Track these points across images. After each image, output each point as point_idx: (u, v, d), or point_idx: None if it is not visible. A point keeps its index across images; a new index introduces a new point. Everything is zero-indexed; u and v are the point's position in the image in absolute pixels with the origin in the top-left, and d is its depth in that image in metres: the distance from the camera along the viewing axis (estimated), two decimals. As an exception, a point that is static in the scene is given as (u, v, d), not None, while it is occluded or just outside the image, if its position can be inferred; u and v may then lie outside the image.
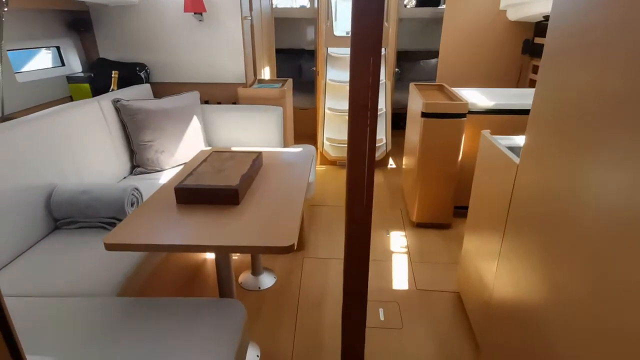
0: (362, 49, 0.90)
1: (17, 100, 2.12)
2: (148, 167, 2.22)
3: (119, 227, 1.22)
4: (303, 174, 1.68)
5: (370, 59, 0.91)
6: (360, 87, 0.95)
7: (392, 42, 3.77)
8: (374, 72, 0.93)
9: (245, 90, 2.63)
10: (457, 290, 1.99)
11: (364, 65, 0.92)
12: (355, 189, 1.04)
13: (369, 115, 0.97)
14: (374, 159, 1.02)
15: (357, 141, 0.99)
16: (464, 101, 2.33)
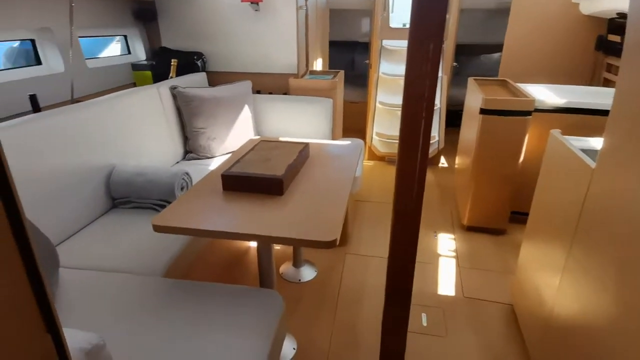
0: (422, 33, 0.83)
1: (86, 85, 2.27)
2: (199, 153, 2.29)
3: (167, 210, 1.25)
4: (350, 168, 1.63)
5: (430, 44, 0.84)
6: (417, 75, 0.88)
7: (452, 34, 3.57)
8: (433, 59, 0.85)
9: (296, 81, 2.62)
10: (510, 302, 1.84)
11: (423, 51, 0.85)
12: (405, 185, 0.97)
13: (425, 106, 0.90)
14: (427, 154, 0.94)
15: (409, 133, 0.92)
16: (530, 98, 2.14)
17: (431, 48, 0.84)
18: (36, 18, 1.91)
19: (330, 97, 2.58)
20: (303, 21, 2.67)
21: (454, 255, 2.25)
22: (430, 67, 0.86)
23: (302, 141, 1.87)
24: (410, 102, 0.89)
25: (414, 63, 0.87)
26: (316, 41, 3.25)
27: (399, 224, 1.02)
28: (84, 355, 0.60)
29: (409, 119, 0.91)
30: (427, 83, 0.87)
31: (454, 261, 2.19)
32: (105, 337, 1.00)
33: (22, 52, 2.07)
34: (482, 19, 4.55)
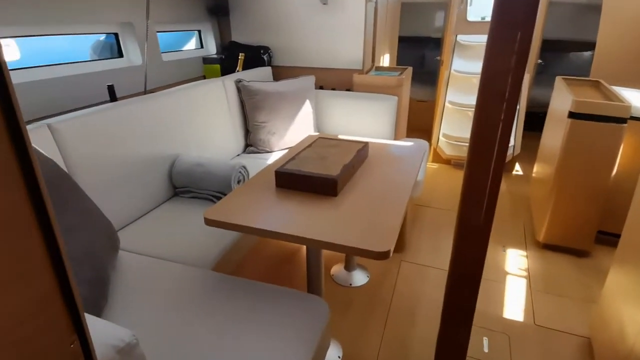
0: (508, 18, 0.70)
1: (160, 77, 2.39)
2: (259, 147, 2.30)
3: (220, 203, 1.24)
4: (411, 171, 1.51)
5: (518, 33, 0.71)
6: (498, 70, 0.75)
7: (538, 28, 3.23)
8: (520, 50, 0.72)
9: (360, 77, 2.52)
10: (588, 335, 1.60)
11: (508, 40, 0.72)
12: (474, 195, 0.84)
13: (505, 106, 0.77)
14: (504, 162, 0.81)
15: (484, 138, 0.80)
16: (626, 103, 1.83)
17: (518, 38, 0.71)
18: (120, 13, 2.04)
19: (396, 94, 2.45)
20: (372, 15, 2.56)
21: (525, 275, 2.02)
22: (516, 60, 0.73)
23: (362, 140, 1.78)
24: (487, 101, 0.77)
25: (495, 55, 0.74)
26: (384, 36, 3.12)
27: (464, 240, 0.90)
28: (115, 352, 0.58)
29: (484, 121, 0.78)
30: (510, 80, 0.74)
31: (524, 282, 1.96)
32: (151, 325, 1.02)
33: (106, 45, 2.23)
34: (572, 13, 4.06)
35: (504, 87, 0.75)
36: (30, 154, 0.40)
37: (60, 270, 0.46)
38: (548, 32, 3.96)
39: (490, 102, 0.77)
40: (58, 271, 0.46)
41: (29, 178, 0.40)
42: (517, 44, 0.72)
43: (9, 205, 0.39)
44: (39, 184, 0.41)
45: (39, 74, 1.70)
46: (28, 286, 0.42)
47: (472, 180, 0.83)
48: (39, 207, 0.42)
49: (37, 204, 0.42)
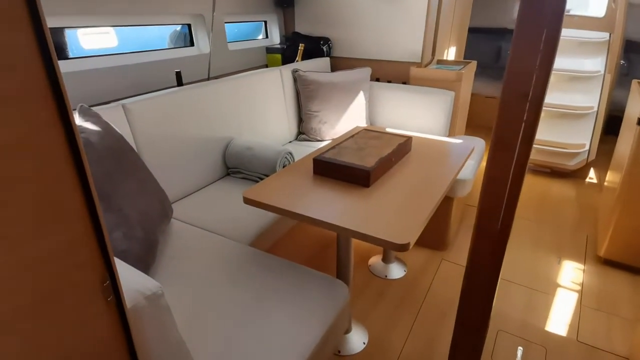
0: (533, 16, 0.68)
1: (225, 65, 2.57)
2: (310, 135, 2.38)
3: (259, 185, 1.34)
4: (452, 169, 1.49)
5: (544, 31, 0.69)
6: (522, 69, 0.73)
7: (619, 26, 2.88)
8: (546, 50, 0.70)
9: (417, 70, 2.48)
10: (626, 356, 1.46)
11: (532, 38, 0.70)
12: (491, 198, 0.83)
13: (528, 107, 0.75)
14: (525, 165, 0.79)
15: (503, 138, 0.78)
16: None
17: (544, 36, 0.69)
18: (193, 6, 2.23)
19: (453, 89, 2.37)
20: (436, 6, 2.49)
21: (577, 289, 1.87)
22: (541, 60, 0.71)
23: (405, 134, 1.77)
24: (510, 101, 0.75)
25: (519, 52, 0.72)
26: (451, 28, 3.00)
27: (480, 247, 0.89)
28: (143, 298, 0.69)
29: (505, 122, 0.77)
30: (534, 80, 0.72)
31: (576, 296, 1.82)
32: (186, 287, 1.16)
33: (181, 35, 2.45)
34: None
35: (526, 88, 0.73)
36: (69, 113, 0.51)
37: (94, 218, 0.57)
38: (634, 33, 3.50)
39: (513, 102, 0.75)
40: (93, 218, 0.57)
41: (68, 132, 0.51)
42: (542, 43, 0.69)
43: (50, 158, 0.50)
44: (77, 142, 0.52)
45: (124, 60, 1.94)
46: (66, 228, 0.54)
47: (490, 183, 0.82)
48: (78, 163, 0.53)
49: (77, 163, 0.53)
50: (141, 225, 1.14)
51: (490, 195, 0.83)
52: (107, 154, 1.14)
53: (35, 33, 0.46)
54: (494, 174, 0.81)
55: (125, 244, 1.05)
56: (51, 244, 0.53)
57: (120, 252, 1.03)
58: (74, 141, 0.52)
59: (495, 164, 0.80)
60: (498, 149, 0.79)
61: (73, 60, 1.72)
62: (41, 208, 0.51)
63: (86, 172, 0.55)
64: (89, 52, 1.88)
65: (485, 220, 0.86)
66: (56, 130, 0.50)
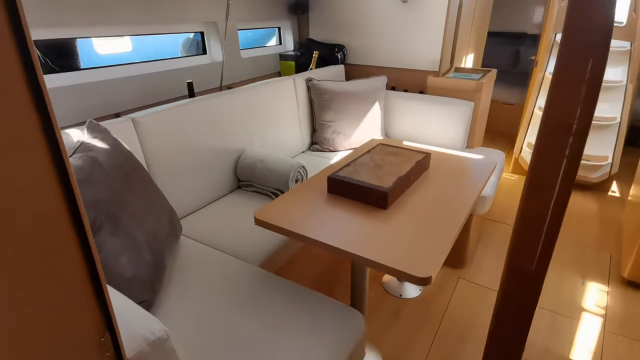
0: (578, 42, 0.61)
1: (238, 73, 2.53)
2: (324, 145, 2.33)
3: (271, 204, 1.29)
4: (474, 188, 1.41)
5: (590, 60, 0.62)
6: (564, 99, 0.66)
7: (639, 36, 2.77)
8: (591, 80, 0.63)
9: (435, 80, 2.40)
10: None
11: (576, 67, 0.63)
12: (527, 238, 0.77)
13: (570, 143, 0.68)
14: (566, 204, 0.72)
15: (542, 175, 0.72)
16: None
17: (590, 66, 0.62)
18: (206, 13, 2.19)
19: (473, 100, 2.29)
20: (455, 12, 2.41)
21: (601, 313, 1.78)
22: (586, 91, 0.64)
23: (425, 149, 1.71)
24: (548, 135, 0.68)
25: (563, 83, 0.65)
26: (470, 34, 2.91)
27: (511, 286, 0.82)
28: (146, 344, 0.65)
29: (545, 157, 0.70)
30: (578, 113, 0.65)
31: (599, 321, 1.73)
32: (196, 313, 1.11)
33: (193, 43, 2.42)
34: None
35: (570, 121, 0.66)
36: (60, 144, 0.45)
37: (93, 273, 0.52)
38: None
39: (554, 136, 0.69)
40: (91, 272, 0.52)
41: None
42: (588, 73, 0.62)
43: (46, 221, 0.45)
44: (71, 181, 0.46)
45: (135, 70, 1.91)
46: (57, 280, 0.49)
47: (525, 222, 0.75)
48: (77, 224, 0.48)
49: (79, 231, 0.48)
50: (150, 247, 1.10)
51: (525, 233, 0.76)
52: (116, 173, 1.10)
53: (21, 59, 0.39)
54: (530, 212, 0.74)
55: (132, 270, 1.00)
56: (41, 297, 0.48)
57: (127, 279, 0.99)
58: (68, 181, 0.47)
59: (532, 202, 0.73)
60: (536, 187, 0.72)
61: (82, 71, 1.69)
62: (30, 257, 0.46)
63: (82, 218, 0.50)
64: (103, 58, 1.86)
65: (519, 260, 0.79)
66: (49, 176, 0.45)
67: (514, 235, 0.78)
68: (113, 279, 0.96)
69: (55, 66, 1.57)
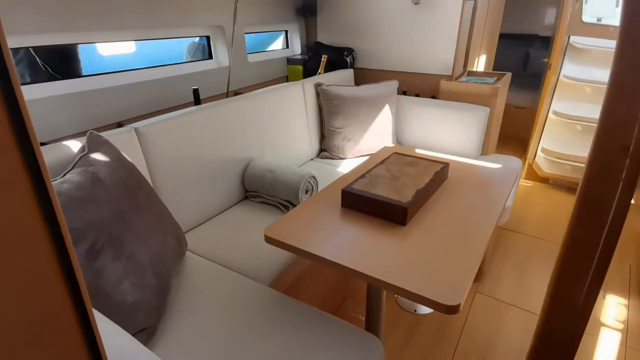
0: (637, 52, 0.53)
1: (246, 78, 2.46)
2: (333, 152, 2.25)
3: (282, 220, 1.21)
4: (497, 201, 1.33)
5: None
6: (621, 117, 0.58)
7: None
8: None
9: (448, 84, 2.32)
10: None
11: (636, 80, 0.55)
12: (575, 265, 0.68)
13: (628, 163, 0.60)
14: (619, 233, 0.64)
15: (596, 198, 0.63)
16: None
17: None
18: (212, 17, 2.13)
19: (488, 105, 2.20)
20: (469, 16, 2.33)
21: (621, 327, 1.69)
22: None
23: (443, 158, 1.63)
24: (605, 155, 0.60)
25: (619, 98, 0.57)
26: (482, 37, 2.83)
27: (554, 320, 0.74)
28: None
29: (598, 178, 0.62)
30: (636, 132, 0.57)
31: (618, 336, 1.64)
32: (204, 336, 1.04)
33: (199, 47, 2.35)
34: None
35: (627, 140, 0.58)
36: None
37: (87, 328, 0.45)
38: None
39: (609, 156, 0.60)
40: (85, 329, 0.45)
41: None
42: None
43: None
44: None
45: (138, 76, 1.85)
46: (51, 345, 0.42)
47: (575, 249, 0.67)
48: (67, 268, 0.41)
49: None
50: (154, 269, 1.03)
51: (573, 262, 0.68)
52: (119, 189, 1.03)
53: None
54: (580, 240, 0.66)
55: (134, 295, 0.93)
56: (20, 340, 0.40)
57: (129, 305, 0.92)
58: (60, 237, 0.39)
59: (582, 229, 0.65)
60: (587, 212, 0.64)
61: (84, 78, 1.63)
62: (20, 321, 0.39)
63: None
64: (106, 59, 1.80)
65: (564, 291, 0.71)
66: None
67: (560, 263, 0.70)
68: (114, 306, 0.89)
69: (56, 73, 1.51)
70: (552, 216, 2.59)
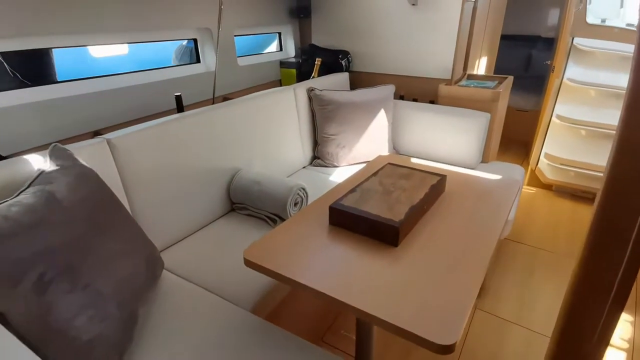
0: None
1: (235, 82, 2.37)
2: (326, 160, 2.15)
3: (262, 240, 1.11)
4: (498, 216, 1.23)
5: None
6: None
7: None
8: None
9: (447, 88, 2.22)
10: None
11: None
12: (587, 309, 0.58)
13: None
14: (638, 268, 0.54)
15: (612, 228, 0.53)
16: None
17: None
18: (200, 19, 2.04)
19: (489, 110, 2.10)
20: (469, 17, 2.23)
21: (626, 347, 1.58)
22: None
23: (440, 169, 1.52)
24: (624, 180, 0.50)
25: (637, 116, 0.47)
26: (483, 39, 2.73)
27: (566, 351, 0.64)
28: None
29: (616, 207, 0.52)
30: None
31: (624, 356, 1.53)
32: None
33: (187, 51, 2.26)
34: None
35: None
36: None
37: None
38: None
39: (629, 182, 0.50)
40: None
41: None
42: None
43: None
44: None
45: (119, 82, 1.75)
46: None
47: (586, 288, 0.57)
48: None
49: None
50: (118, 299, 0.93)
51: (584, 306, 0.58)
52: (79, 211, 0.94)
53: None
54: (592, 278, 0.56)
55: (92, 331, 0.83)
56: None
57: (85, 342, 0.82)
58: None
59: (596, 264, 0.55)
60: (602, 245, 0.54)
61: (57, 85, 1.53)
62: None
63: None
64: (100, 61, 1.71)
65: (572, 339, 0.60)
66: None
67: (568, 309, 0.60)
68: (67, 345, 0.79)
69: (27, 80, 1.42)
70: (555, 225, 2.48)
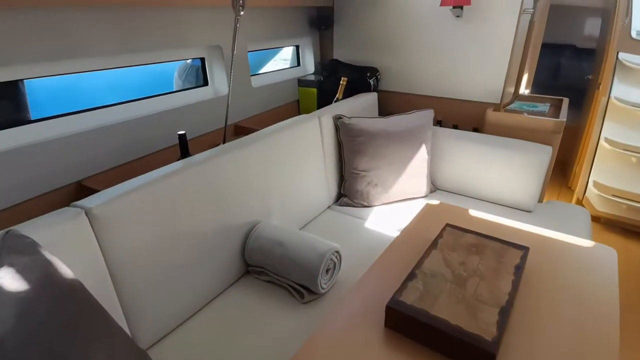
0: None
1: (248, 105, 2.06)
2: (355, 200, 1.83)
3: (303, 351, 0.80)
4: (607, 313, 0.91)
5: None
6: None
7: None
8: None
9: (497, 115, 1.89)
10: None
11: None
12: None
13: None
14: None
15: None
16: None
17: None
18: (207, 35, 1.73)
19: (549, 143, 1.77)
20: (524, 31, 1.90)
21: None
22: None
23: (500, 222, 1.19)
24: None
25: None
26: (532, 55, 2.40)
27: None
28: None
29: None
30: None
31: None
32: None
33: (192, 70, 1.96)
34: None
35: None
36: None
37: None
38: None
39: None
40: None
41: None
42: None
43: None
44: None
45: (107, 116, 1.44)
46: None
47: None
48: None
49: None
50: None
51: None
52: (37, 331, 0.63)
53: None
54: None
55: None
56: None
57: None
58: None
59: None
60: None
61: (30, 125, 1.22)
62: None
63: None
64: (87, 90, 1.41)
65: None
66: None
67: None
68: None
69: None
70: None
